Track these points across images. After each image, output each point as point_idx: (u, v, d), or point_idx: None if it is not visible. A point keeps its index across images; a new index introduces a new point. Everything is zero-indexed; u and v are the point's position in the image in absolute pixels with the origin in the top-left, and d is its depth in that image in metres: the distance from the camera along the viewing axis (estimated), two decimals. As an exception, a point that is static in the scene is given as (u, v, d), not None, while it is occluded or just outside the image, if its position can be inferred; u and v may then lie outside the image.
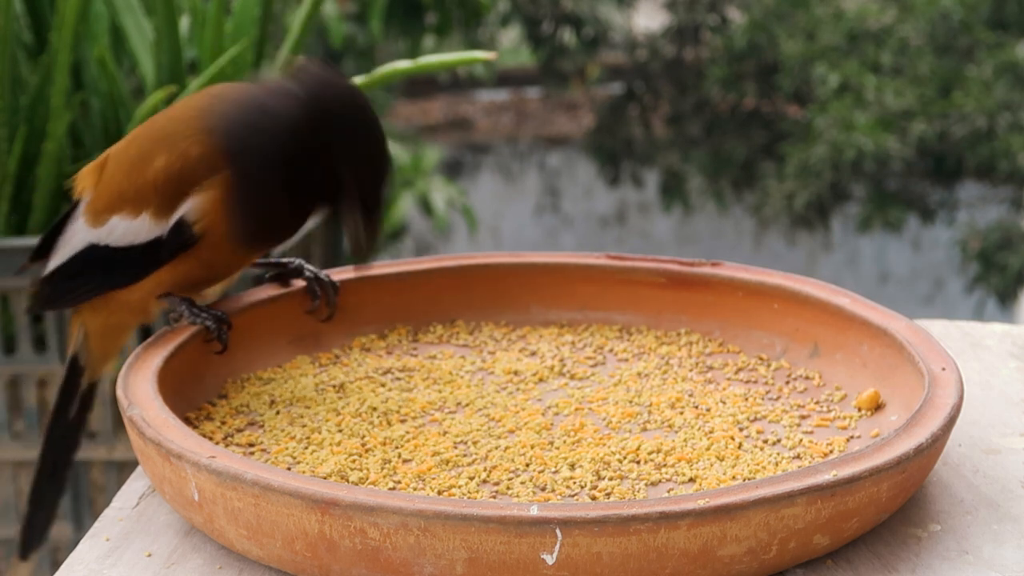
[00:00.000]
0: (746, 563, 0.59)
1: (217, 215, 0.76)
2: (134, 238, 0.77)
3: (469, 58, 1.27)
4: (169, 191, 0.76)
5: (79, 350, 0.83)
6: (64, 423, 0.84)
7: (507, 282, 0.88)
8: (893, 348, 0.75)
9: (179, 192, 0.76)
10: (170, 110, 0.80)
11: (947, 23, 3.53)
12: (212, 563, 0.64)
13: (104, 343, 0.82)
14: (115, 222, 0.78)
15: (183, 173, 0.76)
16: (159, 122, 0.79)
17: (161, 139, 0.77)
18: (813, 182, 3.48)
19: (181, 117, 0.77)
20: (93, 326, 0.82)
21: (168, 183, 0.76)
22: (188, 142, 0.76)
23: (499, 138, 5.48)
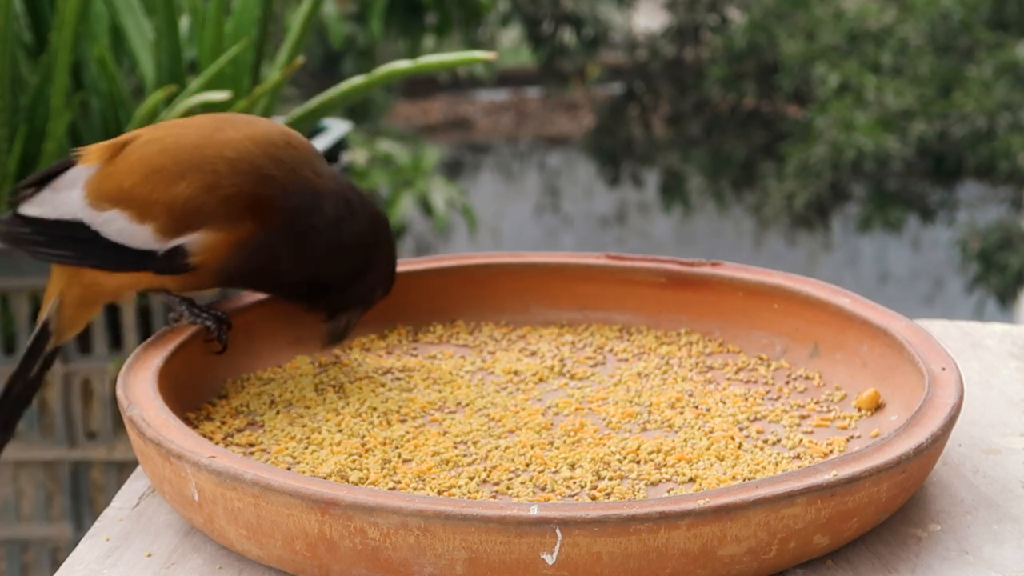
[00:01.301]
0: (746, 563, 0.59)
1: (217, 260, 0.76)
2: (128, 240, 0.77)
3: (469, 58, 1.27)
4: (182, 218, 0.75)
5: (51, 317, 0.82)
6: (24, 381, 0.84)
7: (507, 282, 0.88)
8: (893, 348, 0.75)
9: (191, 223, 0.75)
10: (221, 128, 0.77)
11: (947, 23, 3.53)
12: (212, 563, 0.64)
13: (75, 313, 0.82)
14: (114, 215, 0.77)
15: (204, 208, 0.75)
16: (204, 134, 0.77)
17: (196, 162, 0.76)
18: (813, 182, 3.48)
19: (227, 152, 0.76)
20: (68, 297, 0.81)
21: (185, 211, 0.75)
22: (227, 182, 0.75)
23: (499, 138, 5.48)
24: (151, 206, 0.76)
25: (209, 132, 0.77)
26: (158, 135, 0.78)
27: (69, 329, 0.83)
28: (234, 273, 0.77)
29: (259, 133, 0.77)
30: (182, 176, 0.75)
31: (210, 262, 0.76)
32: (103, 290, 0.80)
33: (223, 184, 0.75)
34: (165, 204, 0.76)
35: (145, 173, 0.76)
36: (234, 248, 0.76)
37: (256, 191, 0.76)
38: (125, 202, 0.77)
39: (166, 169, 0.76)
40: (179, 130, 0.78)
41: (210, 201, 0.75)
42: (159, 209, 0.76)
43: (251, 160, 0.76)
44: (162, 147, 0.77)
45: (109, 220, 0.77)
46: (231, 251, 0.76)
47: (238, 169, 0.75)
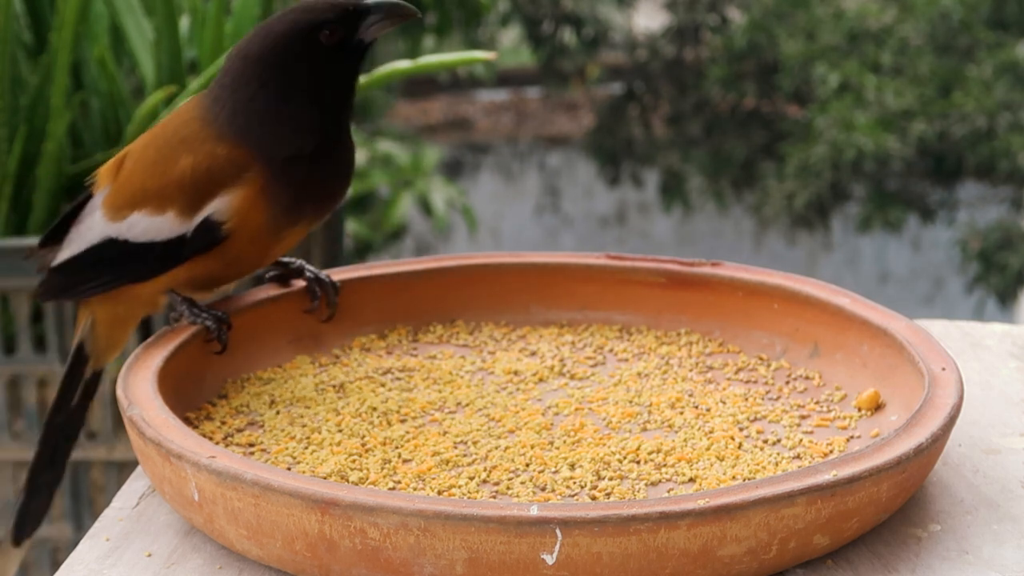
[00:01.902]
0: (746, 563, 0.59)
1: (253, 210, 0.76)
2: (155, 235, 0.77)
3: (469, 58, 1.27)
4: (196, 190, 0.76)
5: (85, 338, 0.83)
6: (66, 411, 0.84)
7: (507, 282, 0.88)
8: (893, 348, 0.75)
9: (207, 192, 0.76)
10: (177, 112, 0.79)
11: (947, 23, 3.53)
12: (212, 563, 0.64)
13: (111, 332, 0.82)
14: (135, 218, 0.78)
15: (211, 172, 0.76)
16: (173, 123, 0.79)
17: (179, 141, 0.77)
18: (813, 182, 3.48)
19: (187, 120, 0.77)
20: (101, 315, 0.82)
21: (195, 183, 0.76)
22: (211, 142, 0.76)
23: (499, 138, 5.48)
24: (164, 192, 0.77)
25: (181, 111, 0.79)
26: (145, 136, 0.80)
27: (107, 349, 0.83)
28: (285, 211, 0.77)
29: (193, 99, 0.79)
30: (178, 154, 0.76)
31: (249, 220, 0.76)
32: (140, 300, 0.80)
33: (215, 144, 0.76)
34: (175, 184, 0.76)
35: (147, 167, 0.78)
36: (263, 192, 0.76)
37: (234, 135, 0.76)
38: (141, 201, 0.77)
39: (161, 154, 0.77)
40: (159, 126, 0.80)
41: (214, 162, 0.76)
42: (172, 191, 0.76)
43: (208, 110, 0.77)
44: (150, 141, 0.79)
45: (132, 224, 0.78)
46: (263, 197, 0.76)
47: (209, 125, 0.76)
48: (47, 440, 0.84)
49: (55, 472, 0.85)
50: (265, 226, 0.77)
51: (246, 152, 0.76)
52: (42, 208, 1.23)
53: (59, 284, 0.81)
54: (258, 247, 0.78)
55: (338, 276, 0.85)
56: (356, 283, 0.85)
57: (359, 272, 0.86)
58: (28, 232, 1.25)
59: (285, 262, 0.84)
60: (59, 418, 0.84)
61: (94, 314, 0.82)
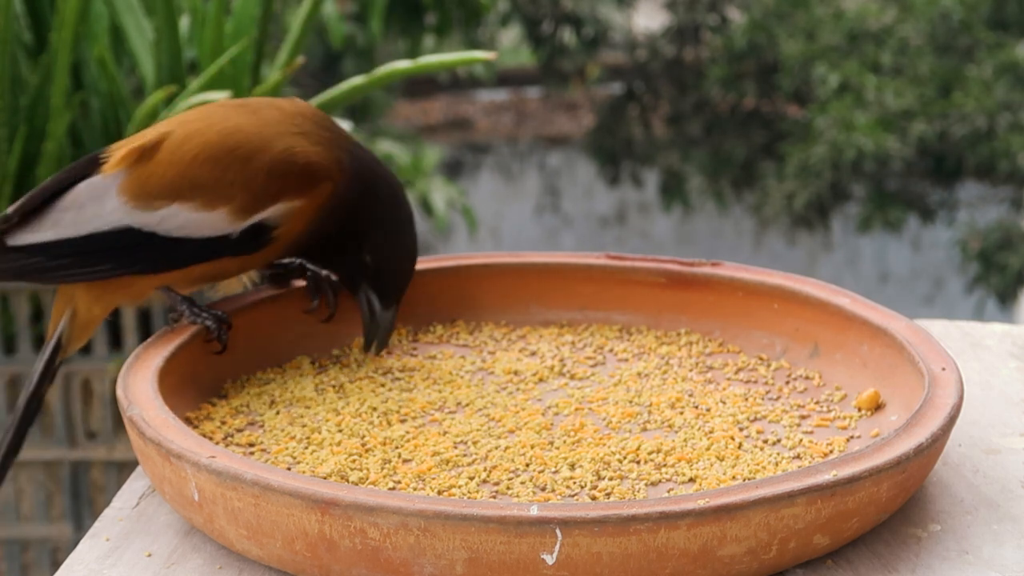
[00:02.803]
0: (746, 563, 0.59)
1: (298, 227, 0.76)
2: (195, 231, 0.76)
3: (469, 58, 1.27)
4: (262, 193, 0.75)
5: (63, 330, 0.80)
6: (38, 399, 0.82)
7: (507, 282, 0.88)
8: (893, 348, 0.75)
9: (272, 196, 0.75)
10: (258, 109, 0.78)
11: (947, 23, 3.53)
12: (212, 563, 0.64)
13: (88, 322, 0.80)
14: (174, 210, 0.76)
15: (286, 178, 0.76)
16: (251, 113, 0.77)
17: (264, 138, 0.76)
18: (813, 182, 3.48)
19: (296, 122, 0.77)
20: (83, 304, 0.79)
21: (267, 185, 0.75)
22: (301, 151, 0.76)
23: (499, 138, 5.48)
24: (224, 188, 0.75)
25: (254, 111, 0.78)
26: (201, 126, 0.77)
27: (79, 339, 0.82)
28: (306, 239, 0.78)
29: (301, 106, 0.80)
30: (256, 152, 0.75)
31: (292, 231, 0.77)
32: (132, 293, 0.79)
33: (298, 153, 0.76)
34: (241, 183, 0.75)
35: (213, 158, 0.76)
36: (315, 212, 0.77)
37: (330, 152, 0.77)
38: (188, 193, 0.76)
39: (238, 148, 0.76)
40: (219, 118, 0.77)
41: (290, 170, 0.75)
42: (235, 190, 0.75)
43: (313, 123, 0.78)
44: (221, 132, 0.76)
45: (167, 216, 0.76)
46: (311, 215, 0.77)
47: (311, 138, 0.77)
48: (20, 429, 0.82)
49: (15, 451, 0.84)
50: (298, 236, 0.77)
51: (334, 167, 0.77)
52: (42, 208, 1.23)
53: (27, 265, 0.77)
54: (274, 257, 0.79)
55: (338, 276, 0.85)
56: (356, 283, 0.85)
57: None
58: (28, 232, 1.25)
59: (285, 262, 0.84)
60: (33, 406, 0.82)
61: (74, 303, 0.79)
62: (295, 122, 0.78)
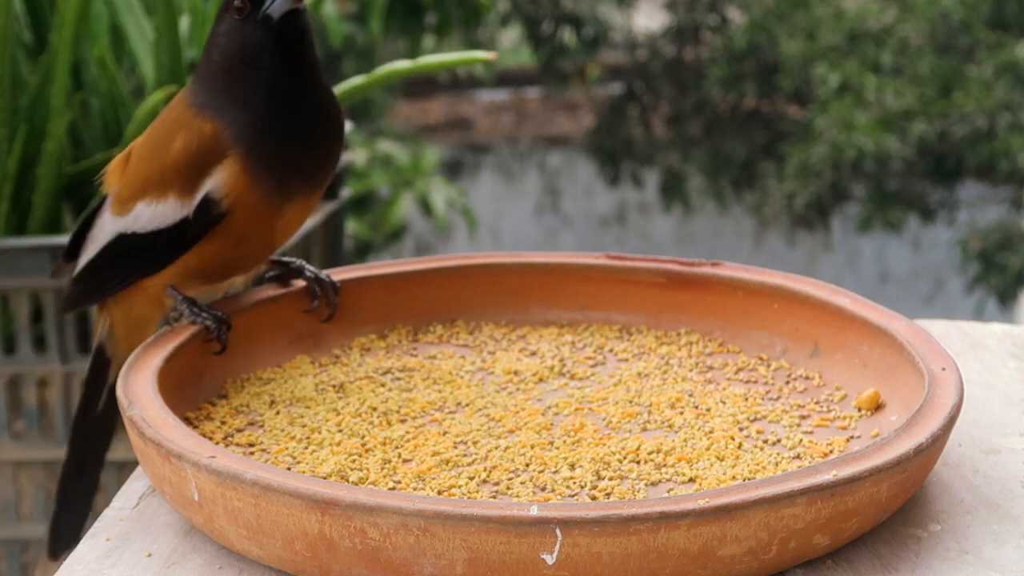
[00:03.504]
0: (746, 563, 0.59)
1: (242, 187, 0.76)
2: (161, 222, 0.78)
3: (469, 58, 1.27)
4: (191, 170, 0.77)
5: (104, 341, 0.83)
6: (91, 418, 0.84)
7: (507, 282, 0.88)
8: (893, 348, 0.75)
9: (201, 170, 0.76)
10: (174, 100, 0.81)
11: (947, 23, 3.53)
12: (212, 563, 0.64)
13: (129, 334, 0.83)
14: (140, 208, 0.78)
15: (200, 151, 0.76)
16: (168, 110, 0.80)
17: (172, 123, 0.78)
18: (813, 182, 3.48)
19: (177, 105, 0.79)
20: (117, 316, 0.82)
21: (188, 162, 0.77)
22: (197, 122, 0.77)
23: (499, 138, 5.48)
24: (162, 177, 0.77)
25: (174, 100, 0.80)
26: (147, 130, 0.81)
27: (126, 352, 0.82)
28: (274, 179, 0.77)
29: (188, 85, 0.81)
30: (171, 137, 0.77)
31: (243, 194, 0.76)
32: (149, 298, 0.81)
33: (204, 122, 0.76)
34: (172, 167, 0.77)
35: (145, 156, 0.79)
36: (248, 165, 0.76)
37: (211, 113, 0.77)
38: (143, 191, 0.78)
39: (158, 140, 0.78)
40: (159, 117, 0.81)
41: (202, 141, 0.76)
42: (170, 174, 0.77)
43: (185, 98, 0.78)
44: (147, 134, 0.80)
45: (138, 215, 0.79)
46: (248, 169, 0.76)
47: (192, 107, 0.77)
48: (74, 447, 0.85)
49: (86, 481, 0.85)
50: (259, 200, 0.77)
51: (223, 128, 0.76)
52: (42, 208, 1.23)
53: (79, 292, 0.83)
54: (260, 224, 0.78)
55: (338, 276, 0.85)
56: (356, 283, 0.85)
57: (359, 272, 0.86)
58: (28, 232, 1.25)
59: (285, 262, 0.84)
60: (84, 426, 0.84)
61: (110, 316, 0.82)
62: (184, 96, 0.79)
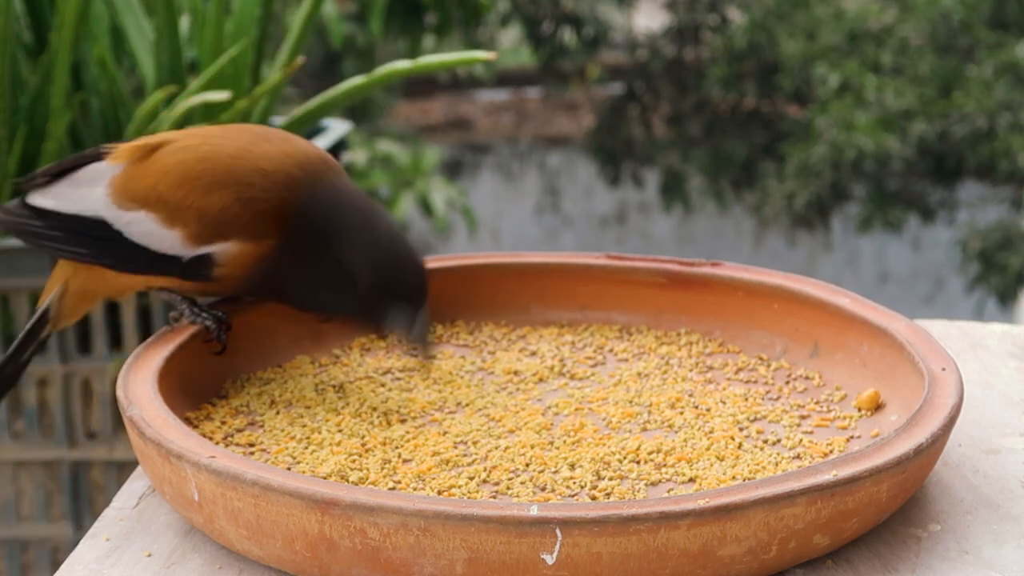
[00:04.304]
0: (746, 563, 0.59)
1: (242, 271, 0.76)
2: (152, 242, 0.77)
3: (469, 58, 1.27)
4: (213, 227, 0.75)
5: (52, 303, 0.82)
6: (15, 364, 0.83)
7: (507, 282, 0.88)
8: (893, 348, 0.75)
9: (221, 233, 0.75)
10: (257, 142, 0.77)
11: (947, 23, 3.53)
12: (212, 563, 0.64)
13: (77, 303, 0.82)
14: (141, 216, 0.77)
15: (237, 219, 0.75)
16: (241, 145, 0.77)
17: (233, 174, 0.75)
18: (813, 182, 3.48)
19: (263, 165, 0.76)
20: (73, 285, 0.81)
21: (217, 220, 0.75)
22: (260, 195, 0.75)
23: (499, 138, 5.48)
24: (183, 211, 0.76)
25: (246, 144, 0.77)
26: (194, 143, 0.77)
27: (67, 317, 0.83)
28: (255, 284, 0.77)
29: (296, 149, 0.77)
30: (218, 186, 0.75)
31: (235, 273, 0.76)
32: (110, 285, 0.80)
33: (257, 197, 0.75)
34: (197, 211, 0.75)
35: (180, 179, 0.76)
36: (259, 261, 0.76)
37: (285, 196, 0.75)
38: (155, 204, 0.76)
39: (203, 177, 0.76)
40: (216, 140, 0.77)
41: (243, 213, 0.75)
42: (191, 215, 0.76)
43: (286, 172, 0.76)
44: (199, 155, 0.76)
45: (135, 221, 0.77)
46: (256, 263, 0.76)
47: (273, 181, 0.75)
48: None
49: None
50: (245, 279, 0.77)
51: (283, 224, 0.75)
52: (42, 208, 1.23)
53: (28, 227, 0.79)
54: (229, 288, 0.78)
55: (338, 276, 0.85)
56: (356, 283, 0.85)
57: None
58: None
59: None
60: (7, 370, 0.84)
61: (67, 282, 0.81)
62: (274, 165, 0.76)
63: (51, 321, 0.83)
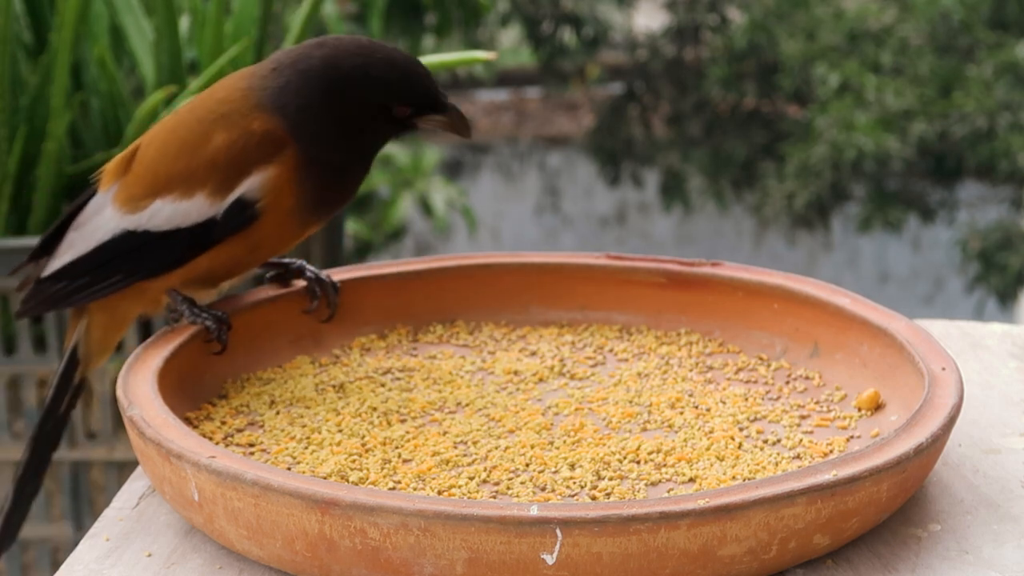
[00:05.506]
0: (746, 563, 0.59)
1: (285, 191, 0.75)
2: (182, 220, 0.76)
3: (469, 58, 1.27)
4: (231, 168, 0.75)
5: (79, 342, 0.81)
6: (56, 418, 0.83)
7: (507, 282, 0.88)
8: (893, 348, 0.75)
9: (241, 169, 0.75)
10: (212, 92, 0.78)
11: (947, 23, 3.53)
12: (212, 563, 0.64)
13: (106, 335, 0.81)
14: (158, 205, 0.76)
15: (247, 149, 0.75)
16: (206, 104, 0.77)
17: (215, 119, 0.76)
18: (813, 182, 3.48)
19: (229, 98, 0.76)
20: (98, 318, 0.80)
21: (230, 160, 0.75)
22: (248, 119, 0.75)
23: (499, 138, 5.48)
24: (193, 174, 0.76)
25: (200, 100, 0.78)
26: (163, 126, 0.79)
27: (100, 353, 0.82)
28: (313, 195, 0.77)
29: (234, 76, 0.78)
30: (209, 134, 0.76)
31: (281, 199, 0.76)
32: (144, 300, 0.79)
33: (251, 120, 0.75)
34: (207, 164, 0.75)
35: (173, 154, 0.76)
36: (297, 172, 0.75)
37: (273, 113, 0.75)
38: (164, 187, 0.76)
39: (189, 139, 0.76)
40: (176, 115, 0.78)
41: (250, 139, 0.75)
42: (203, 172, 0.75)
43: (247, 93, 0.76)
44: (173, 127, 0.77)
45: (154, 212, 0.77)
46: (296, 177, 0.75)
47: (250, 105, 0.76)
48: (36, 448, 0.83)
49: (37, 482, 0.84)
50: (294, 209, 0.76)
51: (285, 133, 0.75)
52: (42, 208, 1.23)
53: (55, 293, 0.79)
54: (282, 233, 0.78)
55: (338, 276, 0.85)
56: (356, 283, 0.85)
57: (359, 272, 0.86)
58: (28, 232, 1.25)
59: (285, 262, 0.84)
60: (49, 426, 0.82)
61: (90, 318, 0.81)
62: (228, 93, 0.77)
63: (82, 361, 0.82)
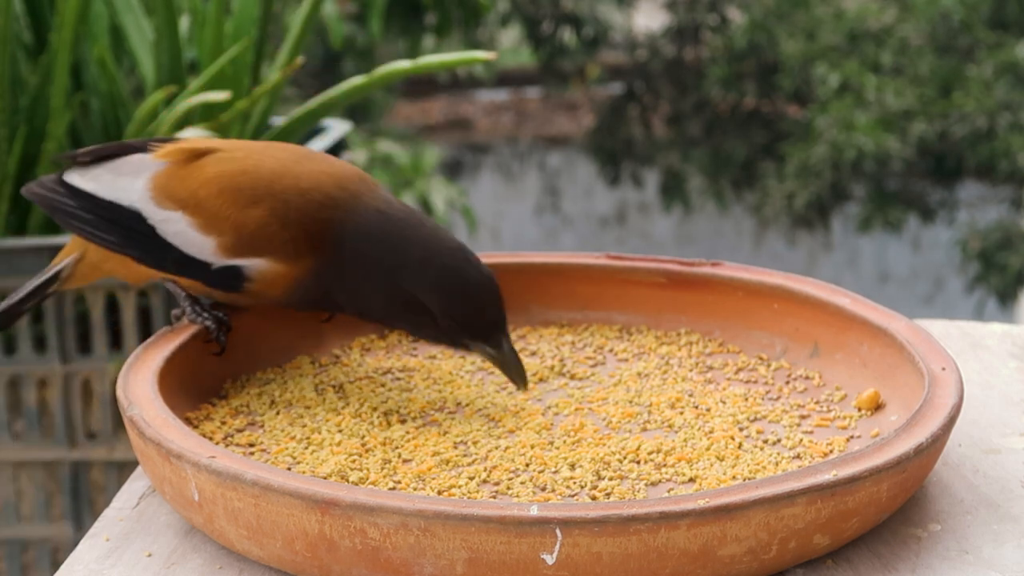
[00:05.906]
0: (746, 563, 0.59)
1: (273, 289, 0.76)
2: (184, 244, 0.77)
3: (469, 58, 1.27)
4: (248, 241, 0.76)
5: (67, 266, 0.82)
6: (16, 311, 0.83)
7: (507, 282, 0.88)
8: (893, 348, 0.75)
9: (255, 248, 0.76)
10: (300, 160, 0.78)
11: (947, 23, 3.53)
12: (212, 563, 0.64)
13: (90, 272, 0.82)
14: (178, 218, 0.77)
15: (273, 237, 0.75)
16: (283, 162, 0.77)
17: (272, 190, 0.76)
18: (813, 182, 3.48)
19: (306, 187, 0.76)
20: (92, 257, 0.81)
21: (253, 235, 0.76)
22: (298, 215, 0.75)
23: (499, 138, 5.48)
24: (220, 221, 0.76)
25: (288, 162, 0.78)
26: (239, 155, 0.78)
27: (77, 281, 0.83)
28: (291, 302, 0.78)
29: (334, 169, 0.78)
30: (257, 200, 0.76)
31: (265, 290, 0.77)
32: (129, 270, 0.80)
33: (293, 218, 0.75)
34: (234, 224, 0.76)
35: (221, 188, 0.76)
36: (293, 281, 0.76)
37: (323, 216, 0.75)
38: (193, 208, 0.77)
39: (242, 190, 0.76)
40: (259, 155, 0.78)
41: (280, 232, 0.75)
42: (227, 226, 0.76)
43: (324, 191, 0.76)
44: (242, 168, 0.77)
45: (170, 219, 0.77)
46: (290, 283, 0.76)
47: (310, 199, 0.76)
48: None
49: None
50: (279, 301, 0.78)
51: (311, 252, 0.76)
52: (42, 208, 1.23)
53: (62, 205, 0.80)
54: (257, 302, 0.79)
55: (338, 276, 0.85)
56: (356, 283, 0.85)
57: None
58: (28, 232, 1.25)
59: None
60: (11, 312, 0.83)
61: (86, 252, 0.81)
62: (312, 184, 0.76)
63: (60, 281, 0.82)
